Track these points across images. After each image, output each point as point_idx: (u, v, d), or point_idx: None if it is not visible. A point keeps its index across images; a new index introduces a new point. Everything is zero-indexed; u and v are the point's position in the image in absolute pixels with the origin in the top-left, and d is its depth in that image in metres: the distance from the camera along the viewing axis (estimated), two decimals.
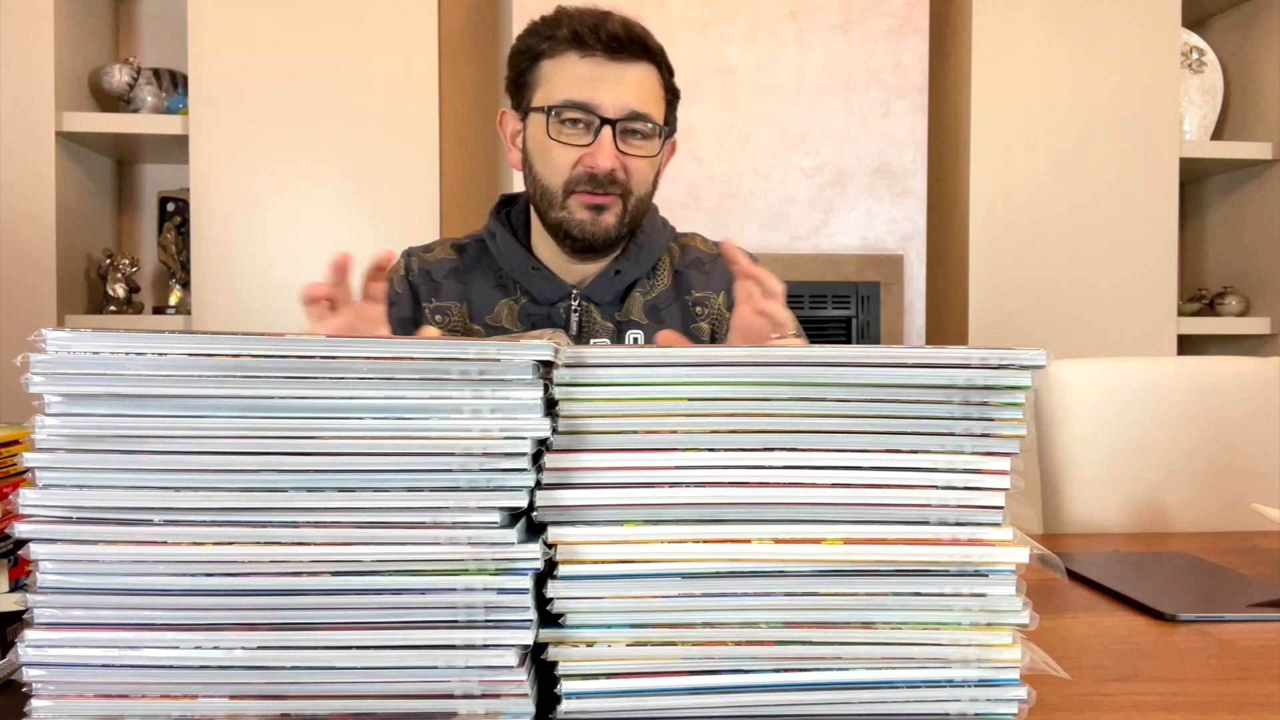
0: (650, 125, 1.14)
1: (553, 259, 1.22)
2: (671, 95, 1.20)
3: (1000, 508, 0.55)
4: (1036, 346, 0.54)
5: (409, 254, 1.27)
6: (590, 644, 0.54)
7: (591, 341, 1.20)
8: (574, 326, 1.21)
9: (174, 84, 2.38)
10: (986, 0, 2.36)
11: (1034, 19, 2.37)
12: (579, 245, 1.17)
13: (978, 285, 2.38)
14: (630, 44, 1.12)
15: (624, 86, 1.12)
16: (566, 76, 1.12)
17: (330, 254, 0.92)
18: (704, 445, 0.55)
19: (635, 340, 1.21)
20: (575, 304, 1.21)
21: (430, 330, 0.97)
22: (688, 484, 0.55)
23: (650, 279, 1.25)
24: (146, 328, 2.25)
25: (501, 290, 1.23)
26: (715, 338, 1.25)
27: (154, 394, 0.52)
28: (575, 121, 1.12)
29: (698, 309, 1.25)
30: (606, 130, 1.11)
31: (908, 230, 2.33)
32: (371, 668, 0.52)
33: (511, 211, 1.27)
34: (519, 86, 1.18)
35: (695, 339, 1.23)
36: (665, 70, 1.18)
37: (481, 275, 1.24)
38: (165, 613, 0.52)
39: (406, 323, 1.23)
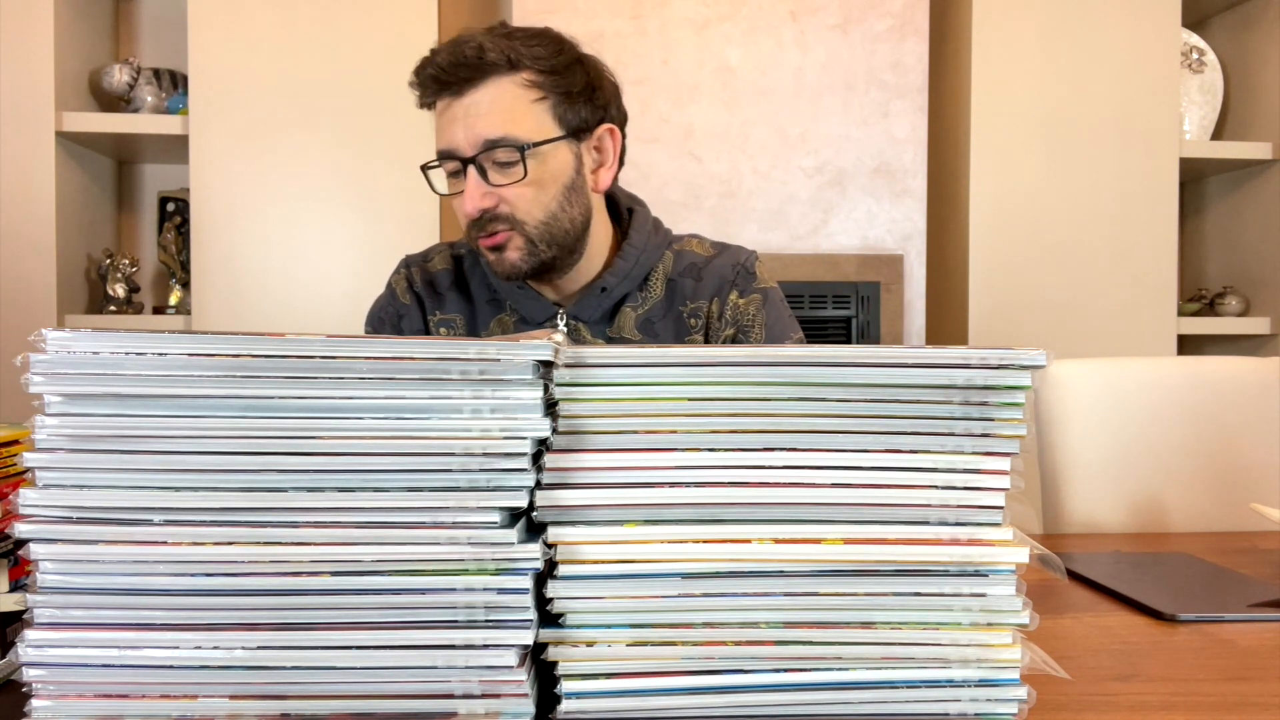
0: (510, 148, 1.05)
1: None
2: (557, 89, 1.08)
3: (1000, 508, 0.55)
4: (1036, 346, 0.54)
5: (408, 264, 1.25)
6: (590, 644, 0.54)
7: None
8: None
9: (174, 84, 2.38)
10: (986, 0, 2.36)
11: (1034, 19, 2.37)
12: (511, 281, 1.15)
13: (977, 285, 2.38)
14: (459, 70, 1.05)
15: (472, 118, 1.05)
16: (437, 128, 1.10)
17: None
18: (704, 445, 0.55)
19: None
20: (562, 323, 1.18)
21: None
22: (688, 484, 0.55)
23: (642, 291, 1.19)
24: (146, 328, 2.25)
25: (495, 305, 1.20)
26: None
27: (154, 394, 0.52)
28: (455, 172, 1.10)
29: (692, 320, 1.19)
30: (471, 170, 1.06)
31: (908, 230, 2.33)
32: (371, 668, 0.52)
33: None
34: None
35: None
36: (531, 69, 1.06)
37: (478, 287, 1.21)
38: (165, 613, 0.52)
39: (422, 335, 1.20)
